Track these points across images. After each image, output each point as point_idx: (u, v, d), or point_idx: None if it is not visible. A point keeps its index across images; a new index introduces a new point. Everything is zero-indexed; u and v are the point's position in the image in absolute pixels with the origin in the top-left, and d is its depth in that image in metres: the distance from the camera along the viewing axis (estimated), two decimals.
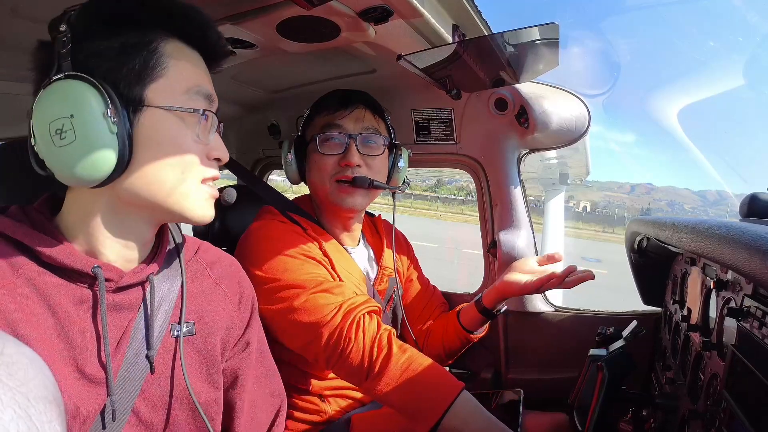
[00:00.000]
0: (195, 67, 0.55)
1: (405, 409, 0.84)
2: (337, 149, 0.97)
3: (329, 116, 0.98)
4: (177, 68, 0.53)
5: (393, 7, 0.75)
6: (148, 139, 0.51)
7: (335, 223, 1.05)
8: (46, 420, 0.24)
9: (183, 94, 0.53)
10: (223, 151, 0.58)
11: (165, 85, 0.52)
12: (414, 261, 1.24)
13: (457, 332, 1.10)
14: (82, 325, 0.51)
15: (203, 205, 0.56)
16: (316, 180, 0.99)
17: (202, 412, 0.59)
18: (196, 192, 0.55)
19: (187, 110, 0.53)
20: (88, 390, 0.51)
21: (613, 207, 56.93)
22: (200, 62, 0.57)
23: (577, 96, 1.15)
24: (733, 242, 0.56)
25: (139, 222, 0.56)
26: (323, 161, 0.97)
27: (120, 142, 0.48)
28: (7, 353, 0.26)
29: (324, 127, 0.98)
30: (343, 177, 0.96)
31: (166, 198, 0.53)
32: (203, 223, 0.58)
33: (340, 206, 0.98)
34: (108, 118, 0.47)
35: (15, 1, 0.72)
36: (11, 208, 0.53)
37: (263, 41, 0.90)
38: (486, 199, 1.25)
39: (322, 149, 0.97)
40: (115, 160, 0.49)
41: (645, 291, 1.22)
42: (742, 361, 0.56)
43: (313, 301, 0.87)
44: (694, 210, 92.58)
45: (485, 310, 1.08)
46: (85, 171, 0.48)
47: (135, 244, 0.56)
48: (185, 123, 0.53)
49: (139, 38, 0.51)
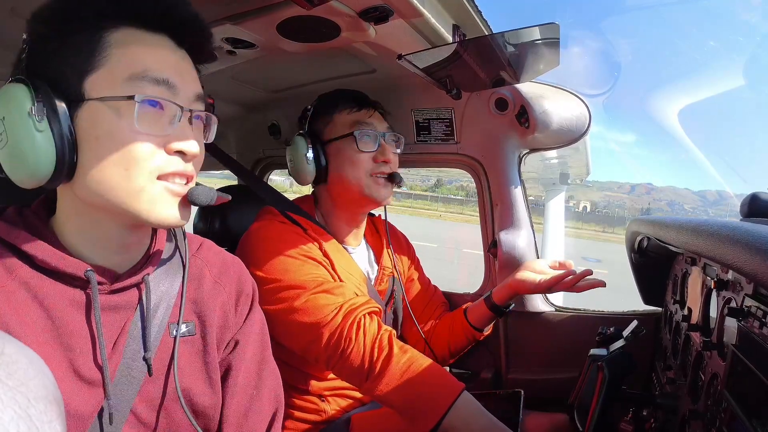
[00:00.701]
0: (148, 52, 0.50)
1: (406, 409, 0.83)
2: (372, 146, 0.99)
3: (357, 114, 1.00)
4: (121, 55, 0.49)
5: (393, 6, 0.75)
6: (88, 134, 0.48)
7: (348, 221, 1.06)
8: (46, 420, 0.24)
9: (125, 82, 0.48)
10: (187, 141, 0.51)
11: (104, 75, 0.48)
12: (415, 261, 1.24)
13: (464, 330, 1.11)
14: (78, 328, 0.51)
15: (161, 204, 0.50)
16: (350, 176, 0.99)
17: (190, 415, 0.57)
18: (149, 190, 0.49)
19: (120, 98, 0.47)
20: (85, 391, 0.51)
21: (613, 207, 56.92)
22: (163, 46, 0.52)
23: (577, 96, 1.15)
24: (734, 242, 0.56)
25: (111, 225, 0.52)
26: (360, 157, 0.99)
27: (57, 140, 0.46)
28: (7, 353, 0.26)
29: (355, 124, 0.99)
30: (380, 172, 0.99)
31: (117, 198, 0.49)
32: (167, 226, 0.52)
33: (375, 200, 1.00)
34: (33, 116, 0.45)
35: (15, 1, 0.72)
36: (8, 210, 0.53)
37: (263, 41, 0.90)
38: (486, 199, 1.25)
39: (361, 146, 0.98)
40: (52, 159, 0.47)
41: (645, 291, 1.22)
42: (742, 361, 0.56)
43: (314, 301, 0.87)
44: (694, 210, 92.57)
45: (495, 306, 1.08)
46: (21, 172, 0.47)
47: (115, 247, 0.54)
48: (120, 113, 0.48)
49: (86, 33, 0.49)
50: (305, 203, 1.07)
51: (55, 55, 0.49)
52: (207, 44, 0.57)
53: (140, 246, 0.57)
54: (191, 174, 0.53)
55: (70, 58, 0.48)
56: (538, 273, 1.05)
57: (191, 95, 0.53)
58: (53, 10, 0.49)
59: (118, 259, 0.55)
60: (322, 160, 1.00)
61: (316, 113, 1.03)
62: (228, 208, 1.28)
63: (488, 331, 1.14)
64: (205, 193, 0.54)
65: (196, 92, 0.54)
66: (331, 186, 1.03)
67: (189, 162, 0.52)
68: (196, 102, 0.54)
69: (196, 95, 0.54)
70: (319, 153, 1.00)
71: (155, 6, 0.51)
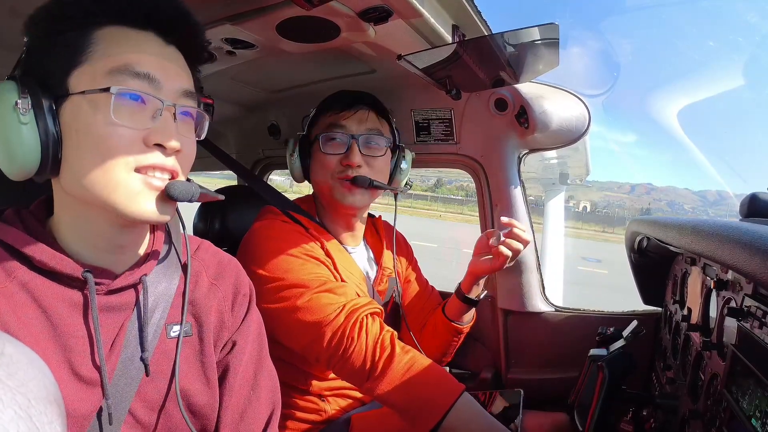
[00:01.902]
0: (131, 47, 0.51)
1: (406, 409, 0.84)
2: (339, 149, 0.98)
3: (333, 116, 1.00)
4: (103, 51, 0.50)
5: (393, 7, 0.75)
6: (70, 128, 0.49)
7: (339, 222, 1.06)
8: (46, 420, 0.24)
9: (105, 76, 0.49)
10: (166, 135, 0.50)
11: (87, 70, 0.49)
12: (413, 262, 1.24)
13: (445, 326, 1.11)
14: (75, 328, 0.51)
15: (140, 198, 0.50)
16: (320, 178, 1.01)
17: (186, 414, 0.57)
18: (127, 183, 0.49)
19: (97, 91, 0.48)
20: (84, 392, 0.51)
21: (613, 207, 56.95)
22: (148, 42, 0.52)
23: (577, 96, 1.15)
24: (734, 242, 0.56)
25: (101, 222, 0.52)
26: (326, 160, 0.99)
27: (41, 133, 0.48)
28: (8, 353, 0.26)
29: (328, 126, 0.99)
30: (344, 176, 0.98)
31: (97, 191, 0.49)
32: (146, 220, 0.51)
33: (340, 203, 0.99)
34: (17, 109, 0.47)
35: (14, 1, 0.72)
36: (6, 212, 0.53)
37: (263, 41, 0.90)
38: (486, 199, 1.25)
39: (324, 149, 0.99)
40: (37, 151, 0.48)
41: (645, 291, 1.22)
42: (742, 361, 0.56)
43: (317, 300, 0.87)
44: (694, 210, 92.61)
45: (465, 298, 1.09)
46: (10, 163, 0.49)
47: (110, 247, 0.54)
48: (97, 106, 0.48)
49: (75, 32, 0.50)
50: (306, 203, 1.07)
51: (47, 54, 0.51)
52: (197, 40, 0.57)
53: (136, 246, 0.57)
54: (172, 169, 0.52)
55: (59, 55, 0.50)
56: (487, 254, 1.05)
57: (177, 91, 0.53)
58: (46, 11, 0.51)
59: (115, 259, 0.55)
60: (305, 161, 1.02)
61: (314, 115, 1.04)
62: (228, 208, 1.28)
63: (470, 323, 1.14)
64: (185, 189, 0.52)
65: (183, 88, 0.53)
66: (314, 188, 1.06)
67: (170, 156, 0.52)
68: (183, 98, 0.54)
69: (183, 91, 0.53)
70: (303, 155, 1.02)
71: (140, 4, 0.52)
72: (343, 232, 1.07)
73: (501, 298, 1.25)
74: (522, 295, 1.22)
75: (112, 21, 0.51)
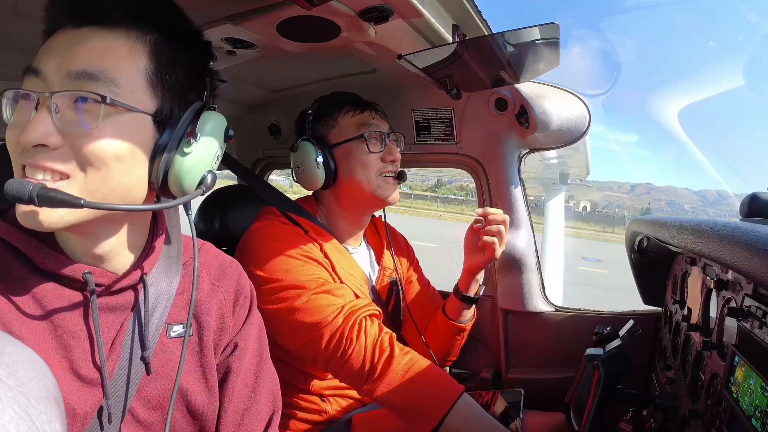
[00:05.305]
0: (47, 42, 0.49)
1: (406, 411, 0.84)
2: (379, 147, 1.01)
3: (361, 116, 1.01)
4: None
5: (393, 7, 0.75)
6: None
7: (353, 223, 1.06)
8: (46, 420, 0.24)
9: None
10: (20, 129, 0.45)
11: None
12: (414, 262, 1.24)
13: (446, 326, 1.11)
14: (76, 328, 0.51)
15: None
16: (361, 177, 1.00)
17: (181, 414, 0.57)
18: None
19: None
20: (84, 391, 0.51)
21: (613, 207, 56.94)
22: (59, 35, 0.49)
23: (577, 96, 1.15)
24: (734, 242, 0.56)
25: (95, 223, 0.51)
26: (369, 158, 1.00)
27: None
28: (8, 353, 0.26)
29: (362, 126, 1.00)
30: (389, 172, 1.01)
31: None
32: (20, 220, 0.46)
33: (385, 200, 1.02)
34: None
35: (15, 1, 0.72)
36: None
37: (263, 41, 0.90)
38: (486, 198, 1.25)
39: (372, 148, 1.00)
40: None
41: (645, 291, 1.22)
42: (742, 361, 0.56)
43: (315, 301, 0.87)
44: (694, 210, 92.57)
45: (464, 296, 1.09)
46: None
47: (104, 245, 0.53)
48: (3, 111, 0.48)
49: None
50: (307, 204, 1.07)
51: None
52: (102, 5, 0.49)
53: (136, 247, 0.57)
54: (44, 165, 0.45)
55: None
56: (477, 249, 1.06)
57: (62, 75, 0.46)
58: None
59: (111, 261, 0.55)
60: (331, 164, 1.00)
61: (317, 117, 1.02)
62: (228, 208, 1.28)
63: (471, 321, 1.14)
64: (18, 187, 0.43)
65: (70, 69, 0.46)
66: (339, 188, 1.03)
67: (41, 152, 0.45)
68: (75, 81, 0.46)
69: (73, 73, 0.46)
70: (327, 157, 1.00)
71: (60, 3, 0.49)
72: (351, 233, 1.07)
73: (501, 298, 1.25)
74: (522, 295, 1.22)
75: (63, 24, 0.49)
